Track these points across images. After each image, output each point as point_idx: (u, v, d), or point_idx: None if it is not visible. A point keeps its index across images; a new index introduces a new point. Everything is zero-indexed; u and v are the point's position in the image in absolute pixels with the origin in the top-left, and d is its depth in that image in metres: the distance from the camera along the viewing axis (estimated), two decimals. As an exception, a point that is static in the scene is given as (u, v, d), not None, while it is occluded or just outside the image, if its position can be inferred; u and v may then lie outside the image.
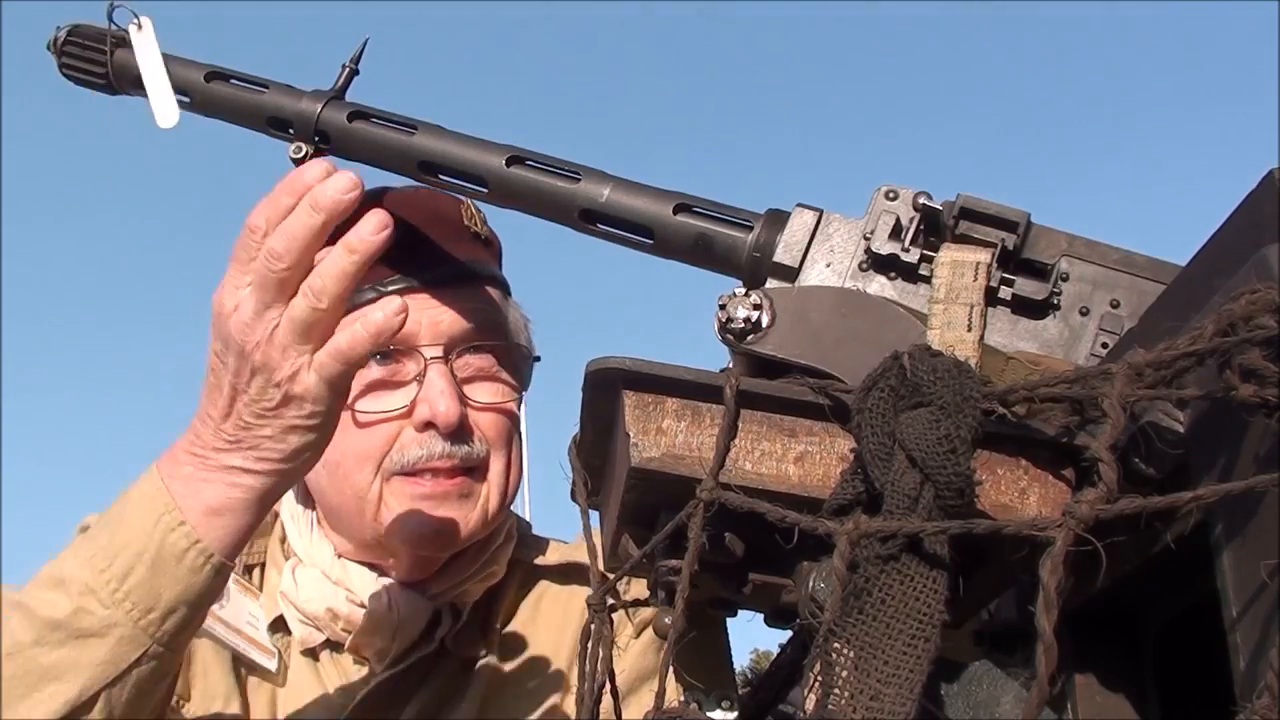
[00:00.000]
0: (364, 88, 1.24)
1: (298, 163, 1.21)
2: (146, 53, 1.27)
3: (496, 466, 1.31)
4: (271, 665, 1.33)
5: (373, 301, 1.26)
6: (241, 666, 1.34)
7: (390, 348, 1.27)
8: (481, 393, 1.31)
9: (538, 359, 1.40)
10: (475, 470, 1.30)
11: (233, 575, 1.33)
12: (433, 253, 1.30)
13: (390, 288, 1.27)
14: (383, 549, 1.31)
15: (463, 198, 1.31)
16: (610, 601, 0.81)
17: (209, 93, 1.26)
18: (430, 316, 1.28)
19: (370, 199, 1.32)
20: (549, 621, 1.41)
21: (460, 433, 1.28)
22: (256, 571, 1.42)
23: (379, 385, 1.29)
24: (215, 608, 1.30)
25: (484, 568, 1.36)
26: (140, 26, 1.28)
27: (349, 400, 1.26)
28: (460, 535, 1.29)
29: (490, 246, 1.38)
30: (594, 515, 0.85)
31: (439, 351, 1.28)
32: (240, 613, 1.34)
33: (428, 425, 1.26)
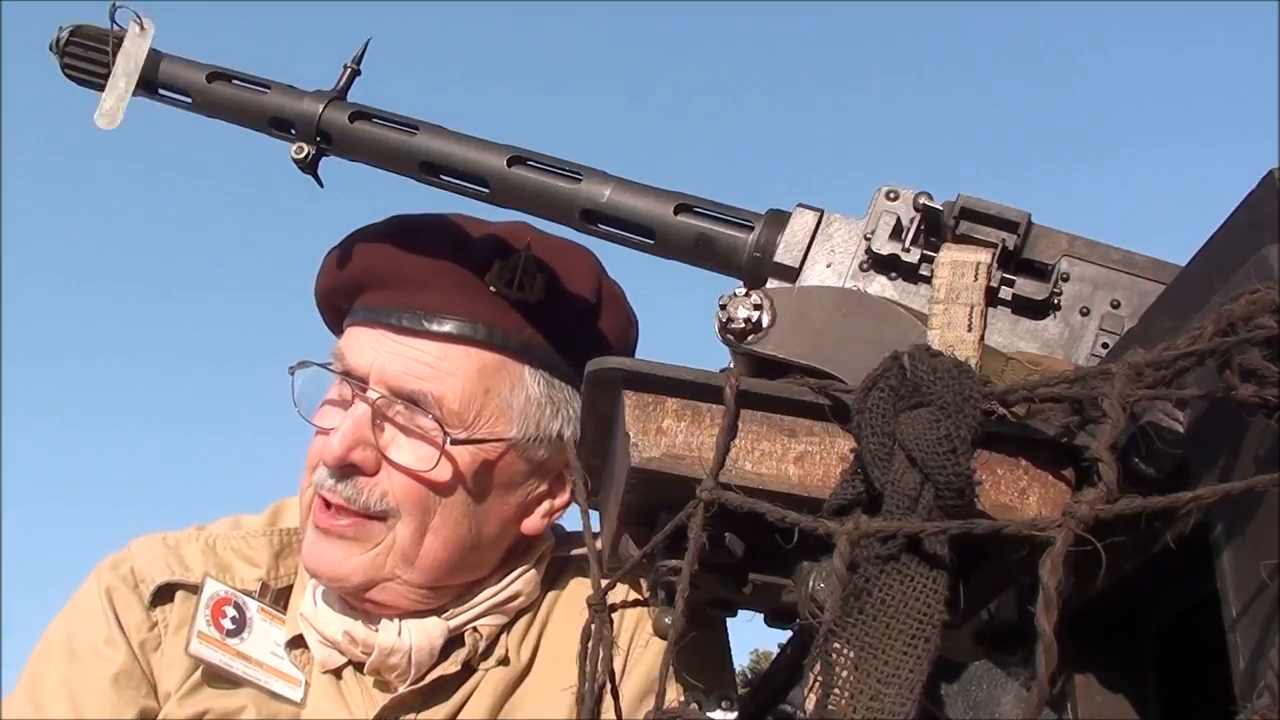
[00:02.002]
0: (366, 88, 1.24)
1: (299, 163, 1.21)
2: (131, 54, 1.27)
3: (404, 533, 1.26)
4: (295, 694, 1.31)
5: (360, 323, 1.30)
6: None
7: (346, 371, 1.29)
8: (402, 452, 1.26)
9: (477, 441, 1.27)
10: (376, 520, 1.27)
11: (258, 604, 1.33)
12: (427, 296, 1.27)
13: (373, 315, 1.29)
14: None
15: (524, 249, 1.28)
16: (611, 601, 0.81)
17: (211, 93, 1.26)
18: (384, 359, 1.27)
19: (420, 220, 1.32)
20: (566, 616, 1.39)
21: (348, 474, 1.25)
22: (285, 594, 1.38)
23: (334, 401, 1.31)
24: (235, 642, 1.31)
25: (502, 601, 1.34)
26: (143, 28, 1.28)
27: (316, 407, 1.32)
28: (336, 576, 1.27)
29: (542, 306, 1.29)
30: (594, 515, 0.85)
31: (376, 394, 1.26)
32: (264, 644, 1.33)
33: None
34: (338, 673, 1.33)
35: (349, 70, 1.24)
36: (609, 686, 0.80)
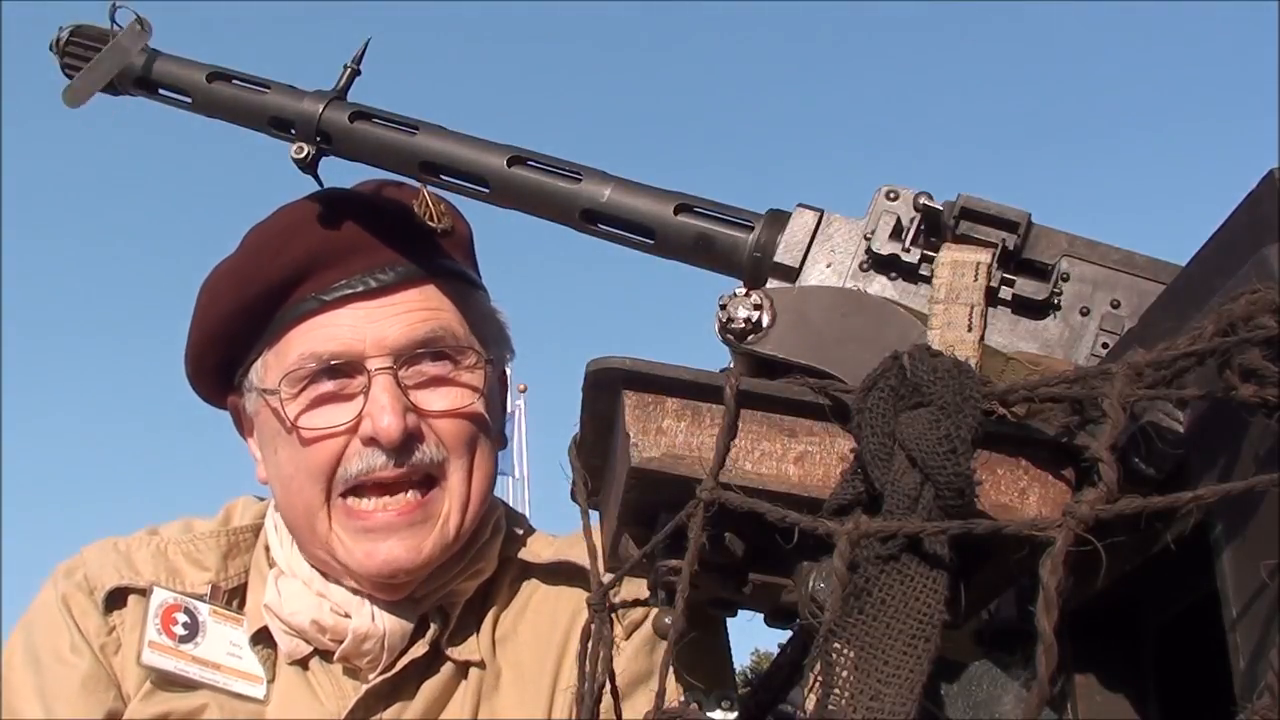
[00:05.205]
0: (366, 88, 1.24)
1: (299, 163, 1.21)
2: (123, 48, 1.27)
3: (457, 474, 1.28)
4: (257, 692, 1.32)
5: (316, 313, 1.27)
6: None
7: (333, 362, 1.27)
8: (435, 400, 1.28)
9: (488, 361, 1.33)
10: (430, 482, 1.27)
11: (209, 607, 1.33)
12: (378, 254, 1.28)
13: (332, 296, 1.27)
14: (340, 571, 1.30)
15: (420, 188, 1.28)
16: (611, 601, 0.81)
17: (211, 93, 1.26)
18: (375, 329, 1.26)
19: (318, 196, 1.32)
20: (537, 622, 1.39)
21: (407, 444, 1.25)
22: (239, 593, 1.38)
23: (327, 400, 1.28)
24: (188, 647, 1.31)
25: (469, 566, 1.34)
26: (143, 28, 1.28)
27: (293, 416, 1.27)
28: (418, 563, 1.27)
29: (452, 236, 1.34)
30: (594, 515, 0.85)
31: (386, 362, 1.26)
32: (219, 645, 1.32)
33: (371, 440, 1.25)
34: (304, 663, 1.33)
35: (349, 70, 1.24)
36: (608, 686, 0.80)
